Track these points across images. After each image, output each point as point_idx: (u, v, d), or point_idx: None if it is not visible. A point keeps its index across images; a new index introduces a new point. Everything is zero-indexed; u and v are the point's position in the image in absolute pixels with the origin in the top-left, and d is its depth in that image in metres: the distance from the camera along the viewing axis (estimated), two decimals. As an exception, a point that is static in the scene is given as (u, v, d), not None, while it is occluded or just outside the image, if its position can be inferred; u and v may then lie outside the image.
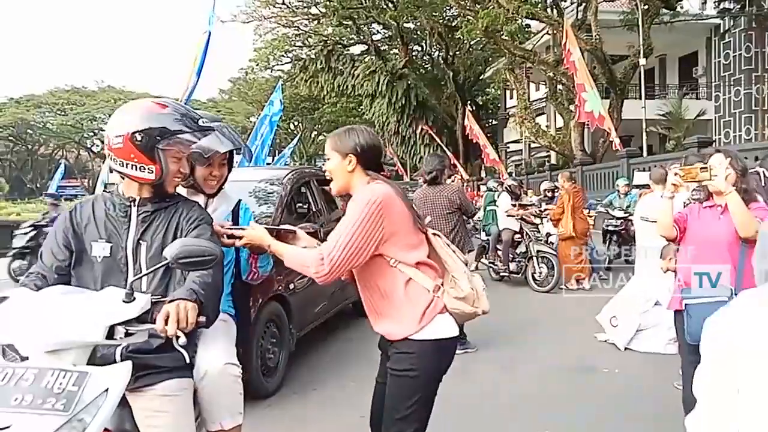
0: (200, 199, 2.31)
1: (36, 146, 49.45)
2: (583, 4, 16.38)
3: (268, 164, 11.31)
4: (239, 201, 2.50)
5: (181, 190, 2.24)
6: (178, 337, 1.58)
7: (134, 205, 1.92)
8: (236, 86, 38.05)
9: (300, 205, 5.29)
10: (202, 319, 1.64)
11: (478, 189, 17.15)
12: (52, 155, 50.26)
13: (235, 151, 2.45)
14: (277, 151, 23.18)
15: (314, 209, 5.35)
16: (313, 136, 39.77)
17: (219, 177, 2.36)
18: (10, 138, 46.14)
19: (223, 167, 2.38)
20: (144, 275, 1.75)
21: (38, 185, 47.00)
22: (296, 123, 37.31)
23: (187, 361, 1.84)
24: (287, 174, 5.18)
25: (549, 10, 17.66)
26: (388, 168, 39.83)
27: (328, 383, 4.35)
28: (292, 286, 4.41)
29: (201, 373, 1.92)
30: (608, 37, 15.51)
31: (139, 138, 1.83)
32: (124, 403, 1.71)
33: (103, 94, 43.01)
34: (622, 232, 8.22)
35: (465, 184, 17.13)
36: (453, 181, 8.23)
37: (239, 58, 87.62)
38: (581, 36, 14.78)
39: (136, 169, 1.86)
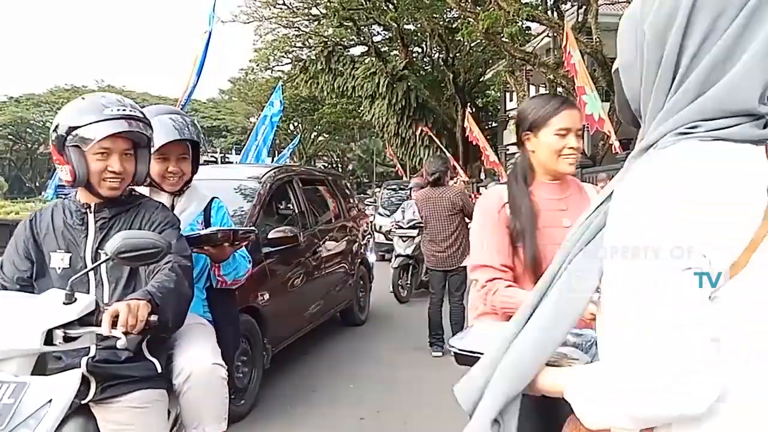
0: (164, 198, 2.14)
1: (35, 145, 49.31)
2: (584, 7, 16.38)
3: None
4: (212, 199, 2.31)
5: (144, 191, 2.10)
6: (118, 338, 1.45)
7: (90, 212, 1.80)
8: (236, 86, 38.01)
9: (281, 206, 4.96)
10: (154, 318, 1.52)
11: (478, 191, 17.15)
12: (51, 154, 50.18)
13: (209, 147, 2.36)
14: (276, 152, 23.17)
15: (297, 211, 4.98)
16: (312, 136, 39.73)
17: (178, 173, 2.17)
18: (10, 137, 46.04)
19: (183, 162, 2.18)
20: (84, 273, 1.61)
21: (37, 184, 46.90)
22: (296, 123, 37.27)
23: (159, 370, 1.74)
24: (267, 172, 4.79)
25: (549, 12, 17.67)
26: (387, 169, 39.59)
27: (327, 385, 4.34)
28: (266, 296, 3.99)
29: (185, 375, 1.82)
30: (609, 40, 15.48)
31: (53, 137, 1.75)
32: (88, 415, 1.63)
33: (103, 94, 42.95)
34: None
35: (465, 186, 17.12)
36: (456, 183, 8.24)
37: (239, 58, 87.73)
38: (581, 39, 14.79)
39: (61, 171, 1.77)
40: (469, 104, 25.15)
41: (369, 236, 7.21)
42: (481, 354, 1.03)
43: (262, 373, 3.97)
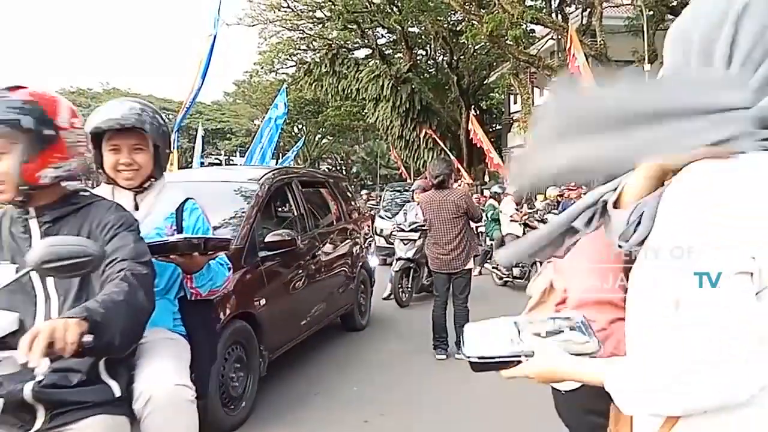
0: (126, 197, 1.95)
1: (41, 147, 49.58)
2: (588, 10, 16.38)
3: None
4: (186, 200, 2.07)
5: (106, 190, 1.97)
6: (35, 366, 1.24)
7: (30, 217, 1.60)
8: (241, 89, 38.13)
9: (280, 208, 4.90)
10: (88, 338, 1.29)
11: (482, 193, 17.14)
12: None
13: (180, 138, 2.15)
14: (281, 154, 23.21)
15: (296, 213, 4.90)
16: (316, 139, 39.78)
17: (131, 164, 1.96)
18: (16, 139, 46.31)
19: (137, 153, 1.96)
20: (4, 288, 1.41)
21: (43, 186, 47.11)
22: (300, 126, 37.35)
23: (117, 394, 1.54)
24: (265, 174, 4.69)
25: (554, 15, 17.67)
26: (391, 171, 39.41)
27: (330, 388, 4.34)
28: (263, 301, 3.89)
29: (144, 399, 1.60)
30: (613, 42, 15.49)
31: None
32: None
33: (108, 96, 43.06)
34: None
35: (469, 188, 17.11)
36: (460, 186, 8.23)
37: (244, 61, 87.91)
38: (586, 41, 14.79)
39: None
40: (473, 107, 25.15)
41: (370, 239, 7.09)
42: (499, 358, 1.04)
43: (262, 379, 3.93)
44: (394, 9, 22.89)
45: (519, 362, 1.02)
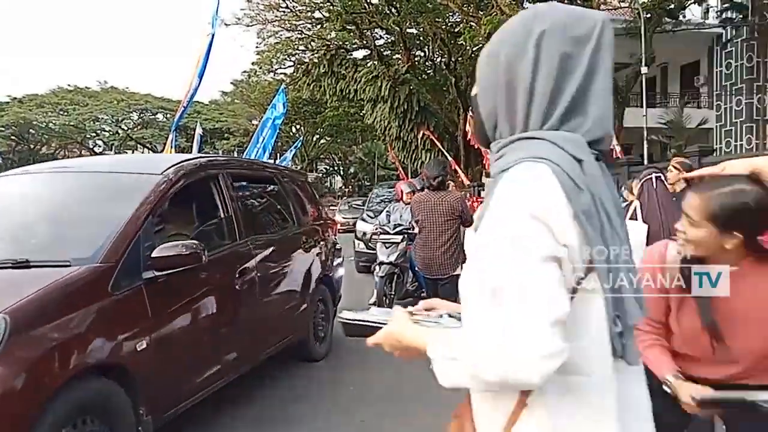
0: None
1: (38, 146, 49.48)
2: (586, 12, 16.42)
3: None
4: None
5: None
6: None
7: None
8: (239, 89, 38.10)
9: (196, 210, 3.95)
10: None
11: (479, 195, 17.16)
12: (54, 155, 50.20)
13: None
14: (278, 154, 23.21)
15: (223, 216, 3.79)
16: (314, 139, 39.80)
17: None
18: (13, 137, 46.18)
19: None
20: None
21: (39, 185, 47.01)
22: (298, 126, 37.35)
23: None
24: (174, 164, 3.51)
25: (552, 17, 17.73)
26: (389, 172, 39.43)
27: (328, 388, 4.35)
28: (143, 343, 2.75)
29: None
30: (610, 45, 15.52)
31: None
32: None
33: (106, 95, 43.03)
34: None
35: (465, 189, 17.12)
36: (452, 188, 8.17)
37: (242, 60, 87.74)
38: (584, 44, 14.80)
39: None
40: (470, 108, 25.16)
41: (338, 248, 5.88)
42: (368, 322, 1.20)
43: (263, 375, 3.86)
44: (393, 10, 22.92)
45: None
